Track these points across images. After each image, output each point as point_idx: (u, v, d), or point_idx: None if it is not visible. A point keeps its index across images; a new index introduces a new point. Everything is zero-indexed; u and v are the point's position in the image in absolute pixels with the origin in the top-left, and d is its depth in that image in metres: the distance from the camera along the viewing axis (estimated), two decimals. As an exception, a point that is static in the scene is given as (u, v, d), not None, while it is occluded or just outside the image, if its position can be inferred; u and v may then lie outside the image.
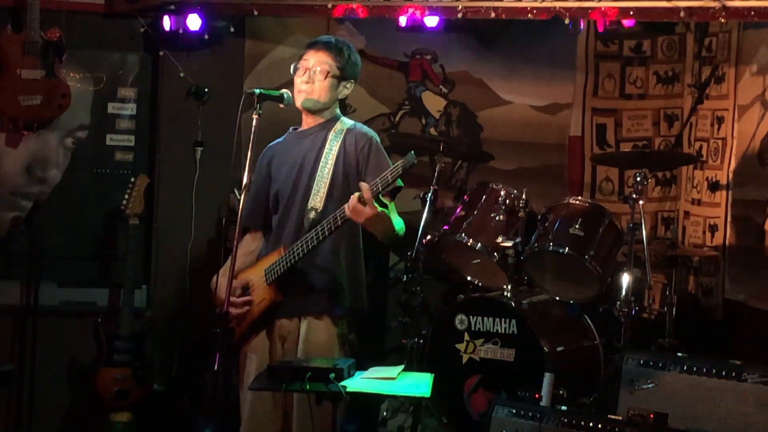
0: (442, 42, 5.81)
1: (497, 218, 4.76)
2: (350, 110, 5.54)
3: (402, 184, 3.69)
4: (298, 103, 3.84)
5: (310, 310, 3.78)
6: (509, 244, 4.66)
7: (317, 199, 3.77)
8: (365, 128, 3.90)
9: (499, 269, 4.80)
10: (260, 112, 3.61)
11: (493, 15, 4.95)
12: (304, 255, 3.67)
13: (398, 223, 3.70)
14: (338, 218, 3.57)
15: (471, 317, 4.65)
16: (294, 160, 3.86)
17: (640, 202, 4.66)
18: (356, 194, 3.50)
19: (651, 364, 4.01)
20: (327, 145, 3.82)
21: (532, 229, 4.74)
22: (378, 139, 3.85)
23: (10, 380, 5.20)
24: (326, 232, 3.61)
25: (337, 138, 3.82)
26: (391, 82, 5.86)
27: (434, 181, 4.91)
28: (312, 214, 3.74)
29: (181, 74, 5.52)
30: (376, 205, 3.50)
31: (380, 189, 3.49)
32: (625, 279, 4.63)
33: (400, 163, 3.43)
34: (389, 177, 3.46)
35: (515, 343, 4.55)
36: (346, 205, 3.53)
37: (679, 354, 4.09)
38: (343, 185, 3.76)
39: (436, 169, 4.96)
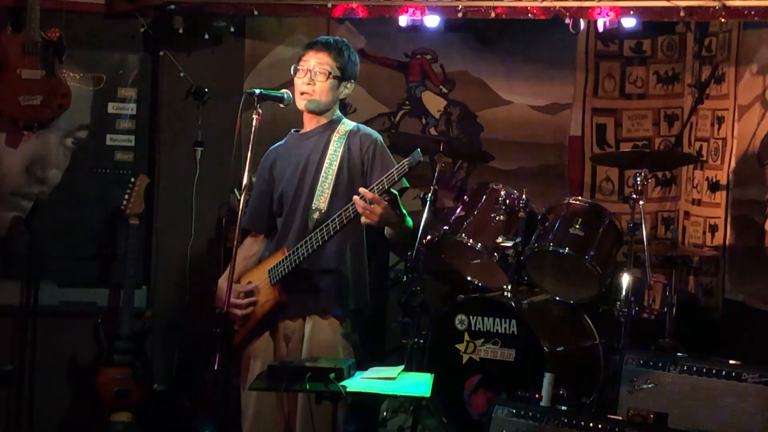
0: (442, 42, 5.81)
1: (497, 218, 4.76)
2: (350, 110, 5.54)
3: (408, 185, 3.70)
4: (300, 106, 3.84)
5: (314, 310, 3.79)
6: (509, 244, 4.66)
7: (321, 199, 3.77)
8: (369, 129, 3.90)
9: (499, 269, 4.80)
10: (260, 111, 3.61)
11: (493, 15, 4.96)
12: (309, 255, 3.67)
13: (408, 217, 3.70)
14: (344, 218, 3.57)
15: (471, 317, 4.65)
16: (297, 161, 3.86)
17: (640, 202, 4.66)
18: (361, 192, 3.50)
19: (651, 364, 4.01)
20: (331, 147, 3.82)
21: (532, 229, 4.74)
22: (382, 140, 3.86)
23: (10, 380, 5.20)
24: (331, 232, 3.61)
25: (341, 140, 3.82)
26: (391, 82, 5.86)
27: (434, 181, 4.91)
28: (316, 215, 3.75)
29: (181, 74, 5.52)
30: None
31: (386, 187, 3.48)
32: (625, 279, 4.64)
33: (406, 161, 3.43)
34: (395, 175, 3.46)
35: (515, 343, 4.55)
36: (350, 205, 3.53)
37: (679, 354, 4.09)
38: (347, 186, 3.76)
39: (436, 169, 4.96)
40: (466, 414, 4.64)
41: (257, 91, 3.66)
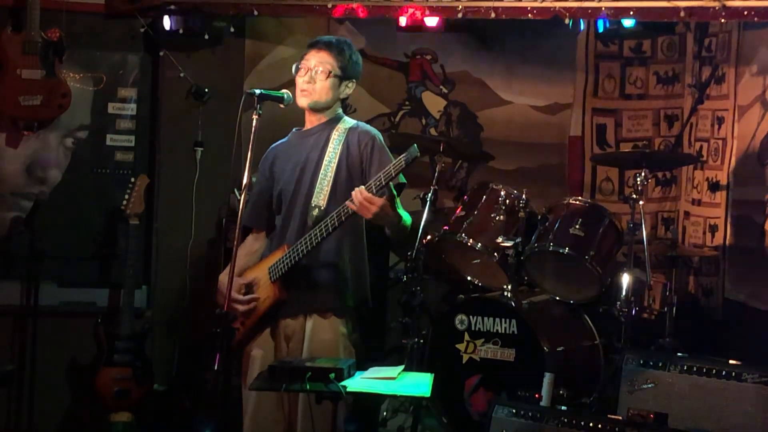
0: (442, 42, 5.81)
1: (497, 218, 4.76)
2: (351, 110, 5.54)
3: (405, 181, 3.71)
4: (300, 103, 3.85)
5: (315, 308, 3.79)
6: (509, 244, 4.66)
7: (321, 197, 3.77)
8: (368, 127, 3.92)
9: (499, 269, 4.80)
10: (260, 112, 3.61)
11: (493, 15, 4.95)
12: (308, 252, 3.68)
13: (405, 215, 3.71)
14: (342, 215, 3.58)
15: (471, 317, 4.65)
16: (297, 159, 3.87)
17: (640, 202, 4.66)
18: (357, 190, 3.51)
19: (651, 364, 4.01)
20: (330, 144, 3.83)
21: (532, 229, 4.75)
22: (381, 138, 3.87)
23: (10, 380, 5.20)
24: (330, 229, 3.62)
25: (341, 137, 3.83)
26: (391, 82, 5.86)
27: (434, 181, 4.91)
28: (315, 212, 3.76)
29: (181, 74, 5.52)
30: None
31: (383, 183, 3.50)
32: (625, 279, 4.64)
33: (402, 157, 3.44)
34: (392, 170, 3.48)
35: (515, 343, 4.56)
36: (348, 201, 3.54)
37: (679, 354, 4.09)
38: (346, 183, 3.77)
39: (436, 169, 4.96)
40: (467, 414, 4.64)
41: (257, 91, 3.66)
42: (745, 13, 4.64)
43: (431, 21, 5.14)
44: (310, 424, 3.61)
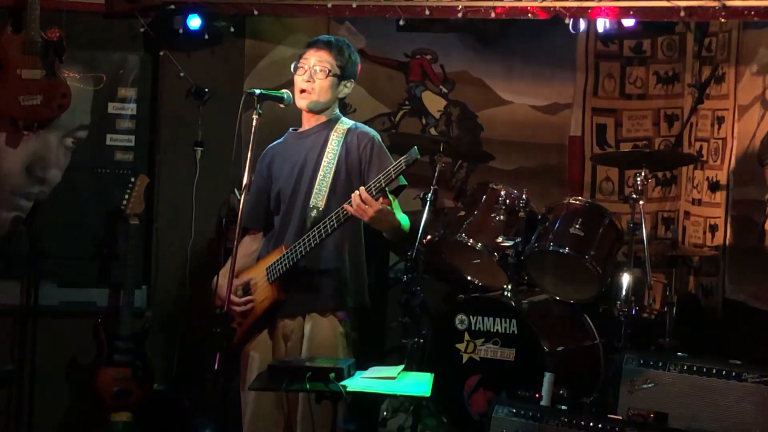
0: (442, 42, 5.81)
1: (497, 218, 4.76)
2: (350, 110, 5.55)
3: (405, 183, 3.71)
4: (300, 104, 3.85)
5: (314, 308, 3.80)
6: (509, 244, 4.66)
7: (319, 198, 3.77)
8: (366, 128, 3.92)
9: (499, 269, 4.80)
10: (260, 112, 3.62)
11: (493, 15, 4.95)
12: (306, 253, 3.68)
13: (403, 219, 3.72)
14: (341, 216, 3.58)
15: (471, 317, 4.65)
16: (295, 159, 3.87)
17: (640, 202, 4.66)
18: (357, 192, 3.51)
19: (651, 364, 4.00)
20: (329, 145, 3.83)
21: (532, 229, 4.74)
22: (379, 139, 3.87)
23: (10, 380, 5.20)
24: (328, 230, 3.62)
25: (339, 138, 3.83)
26: (391, 82, 5.86)
27: (434, 181, 4.91)
28: (314, 213, 3.76)
29: (181, 74, 5.52)
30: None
31: (383, 185, 3.50)
32: (625, 279, 4.64)
33: (402, 159, 3.44)
34: (392, 173, 3.48)
35: (515, 342, 4.56)
36: (347, 203, 3.54)
37: (679, 354, 4.09)
38: (345, 184, 3.77)
39: (436, 169, 4.96)
40: (466, 414, 4.64)
41: (257, 91, 3.67)
42: (746, 12, 4.63)
43: (431, 21, 5.10)
44: (310, 424, 3.61)
